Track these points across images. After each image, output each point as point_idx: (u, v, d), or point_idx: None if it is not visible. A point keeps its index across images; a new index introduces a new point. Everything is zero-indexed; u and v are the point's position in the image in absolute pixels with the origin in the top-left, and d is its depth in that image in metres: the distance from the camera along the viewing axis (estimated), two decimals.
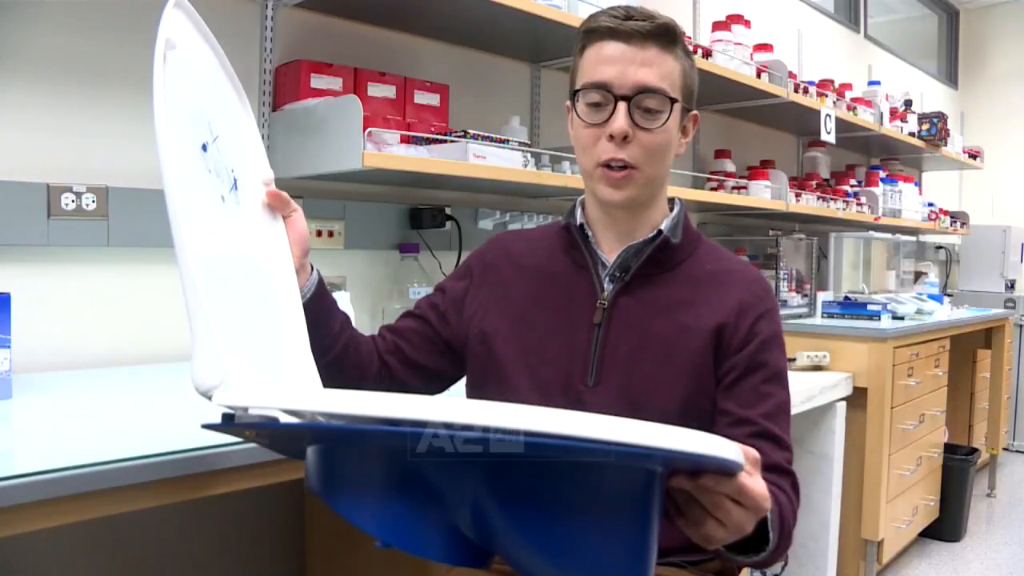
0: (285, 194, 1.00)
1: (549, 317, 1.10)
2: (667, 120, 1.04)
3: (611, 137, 1.04)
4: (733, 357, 1.05)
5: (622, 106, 1.03)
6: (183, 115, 0.82)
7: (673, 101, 1.05)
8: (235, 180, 0.91)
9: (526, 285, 1.13)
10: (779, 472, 1.00)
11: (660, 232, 1.10)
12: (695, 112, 1.13)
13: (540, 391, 1.06)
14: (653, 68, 1.03)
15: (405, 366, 1.15)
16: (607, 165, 1.05)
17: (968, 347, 3.80)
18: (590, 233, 1.13)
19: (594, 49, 1.05)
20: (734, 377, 1.05)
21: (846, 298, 3.10)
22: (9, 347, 1.23)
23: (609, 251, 1.12)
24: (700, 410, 1.04)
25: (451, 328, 1.16)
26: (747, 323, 1.06)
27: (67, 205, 1.57)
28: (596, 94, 1.04)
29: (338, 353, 1.06)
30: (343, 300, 1.66)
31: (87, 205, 1.59)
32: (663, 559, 1.06)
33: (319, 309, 1.03)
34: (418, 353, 1.16)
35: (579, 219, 1.13)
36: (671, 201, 1.16)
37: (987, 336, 3.87)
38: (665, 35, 1.04)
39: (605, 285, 1.10)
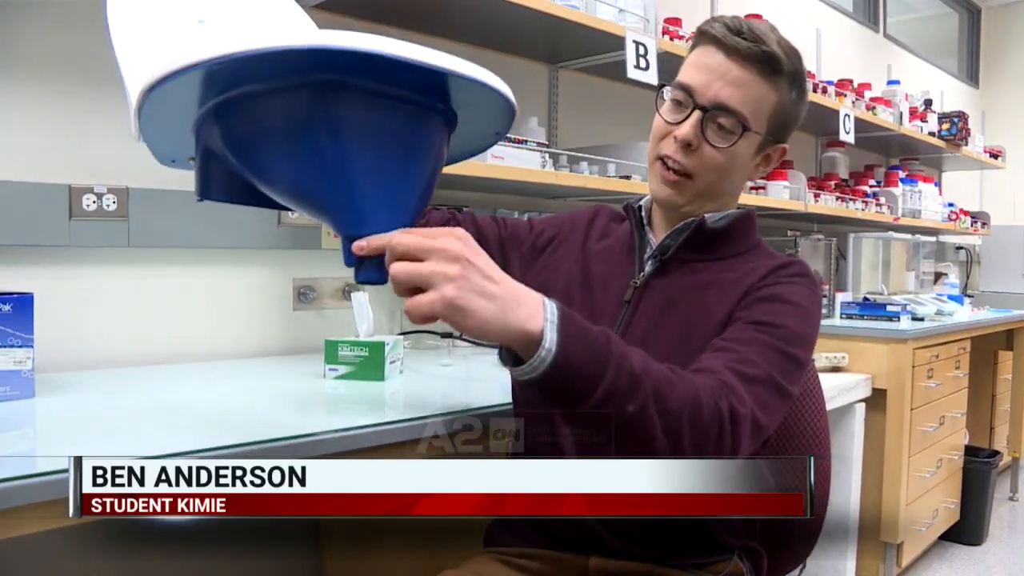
0: None
1: (593, 291, 1.12)
2: (735, 143, 1.03)
3: (676, 139, 1.04)
4: (739, 311, 1.02)
5: (695, 115, 1.03)
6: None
7: (746, 128, 1.03)
8: None
9: (588, 257, 1.16)
10: (705, 372, 0.89)
11: (702, 217, 1.09)
12: (784, 146, 1.11)
13: None
14: (741, 89, 1.02)
15: None
16: (664, 160, 1.07)
17: (989, 348, 3.76)
18: (645, 217, 1.15)
19: (698, 51, 1.06)
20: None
21: (865, 299, 3.08)
22: (32, 347, 1.25)
23: (659, 236, 1.14)
24: None
25: (518, 262, 1.19)
26: (762, 279, 1.04)
27: (88, 206, 1.58)
28: (680, 93, 1.05)
29: None
30: (361, 301, 1.66)
31: (108, 206, 1.60)
32: (667, 561, 1.06)
33: None
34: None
35: (641, 202, 1.16)
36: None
37: (1008, 337, 3.82)
38: (767, 62, 1.02)
39: (646, 267, 1.12)
